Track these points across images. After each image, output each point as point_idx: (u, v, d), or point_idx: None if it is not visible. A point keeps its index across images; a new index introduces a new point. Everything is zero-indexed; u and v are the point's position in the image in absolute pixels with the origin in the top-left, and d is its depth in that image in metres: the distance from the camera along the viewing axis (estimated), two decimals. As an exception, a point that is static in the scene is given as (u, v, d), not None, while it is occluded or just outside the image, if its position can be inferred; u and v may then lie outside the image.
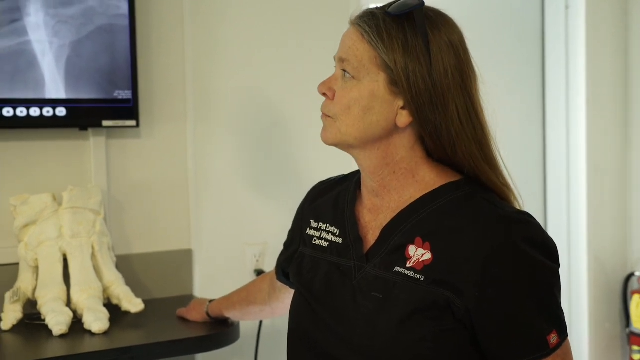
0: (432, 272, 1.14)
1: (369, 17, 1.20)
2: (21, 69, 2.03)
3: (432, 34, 1.17)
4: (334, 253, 1.30)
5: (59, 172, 2.17)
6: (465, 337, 1.14)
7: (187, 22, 2.29)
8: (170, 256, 2.31)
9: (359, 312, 1.20)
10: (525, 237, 1.13)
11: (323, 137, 1.26)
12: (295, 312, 1.35)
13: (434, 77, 1.16)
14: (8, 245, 2.08)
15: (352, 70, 1.19)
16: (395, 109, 1.18)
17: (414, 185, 1.23)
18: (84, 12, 2.07)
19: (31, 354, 1.81)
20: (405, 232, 1.20)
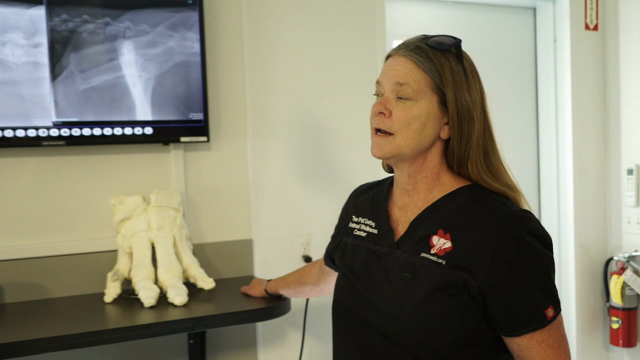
0: (452, 257, 1.14)
1: (418, 50, 1.19)
2: (117, 97, 2.04)
3: (466, 63, 1.19)
4: (370, 241, 1.30)
5: (147, 178, 2.18)
6: (478, 311, 1.14)
7: (246, 57, 2.29)
8: (234, 244, 2.30)
9: (391, 289, 1.20)
10: (527, 230, 1.12)
11: (378, 152, 1.21)
12: (340, 287, 1.34)
13: (472, 98, 1.18)
14: (109, 236, 2.10)
15: (411, 93, 1.18)
16: (442, 124, 1.19)
17: (437, 188, 1.23)
18: (166, 52, 2.08)
19: (128, 321, 1.81)
20: (430, 225, 1.20)
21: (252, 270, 2.32)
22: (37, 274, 2.02)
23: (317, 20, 2.40)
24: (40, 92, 1.94)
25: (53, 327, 1.73)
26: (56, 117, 1.97)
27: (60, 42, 1.95)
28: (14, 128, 1.92)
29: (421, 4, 2.81)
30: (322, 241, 2.36)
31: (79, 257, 2.08)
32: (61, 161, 2.07)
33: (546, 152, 3.04)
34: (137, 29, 2.04)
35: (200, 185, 2.25)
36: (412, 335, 1.16)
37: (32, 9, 1.92)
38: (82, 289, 2.07)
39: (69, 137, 1.99)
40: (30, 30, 1.92)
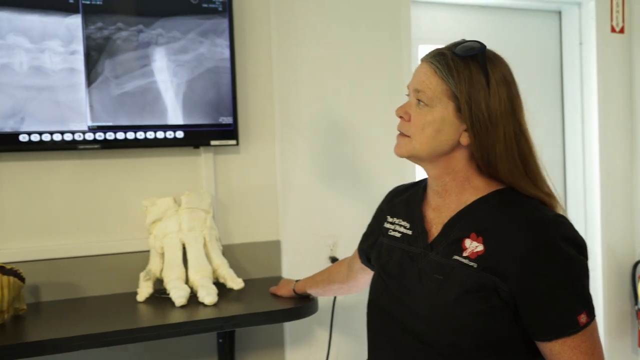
0: (484, 261, 1.14)
1: (440, 57, 1.20)
2: (150, 102, 2.07)
3: (491, 71, 1.17)
4: (404, 242, 1.30)
5: (178, 180, 2.20)
6: (508, 314, 1.13)
7: (274, 62, 2.32)
8: (262, 246, 2.32)
9: (423, 290, 1.21)
10: (561, 235, 1.12)
11: (397, 151, 1.26)
12: (374, 288, 1.35)
13: (490, 106, 1.16)
14: (141, 237, 2.13)
15: (426, 99, 1.20)
16: (460, 130, 1.19)
17: (469, 190, 1.23)
18: (196, 58, 2.12)
19: (159, 319, 1.84)
20: (463, 227, 1.19)
21: (279, 271, 2.34)
22: (72, 273, 2.07)
23: (343, 25, 2.43)
24: (77, 97, 1.99)
25: (87, 325, 1.76)
26: (91, 122, 2.01)
27: (95, 49, 2.00)
28: (51, 132, 1.97)
29: (447, 9, 2.82)
30: (349, 242, 2.39)
31: (112, 257, 2.12)
32: (96, 164, 2.12)
33: (572, 154, 3.02)
34: (169, 35, 2.08)
35: (229, 187, 2.28)
36: (443, 337, 1.16)
37: (69, 17, 1.97)
38: (115, 288, 2.11)
39: (104, 140, 2.03)
40: (67, 38, 1.97)
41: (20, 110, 1.93)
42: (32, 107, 1.94)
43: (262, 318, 1.90)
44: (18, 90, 1.93)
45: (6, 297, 1.72)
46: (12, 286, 1.76)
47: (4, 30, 1.90)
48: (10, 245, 2.02)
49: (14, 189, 2.03)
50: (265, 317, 1.90)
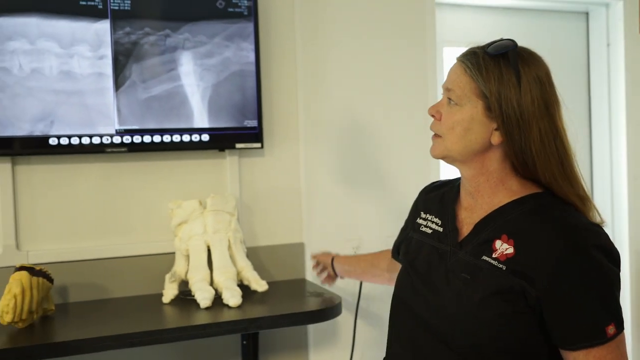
0: (513, 264, 1.13)
1: (471, 55, 1.20)
2: (176, 105, 2.09)
3: (523, 69, 1.16)
4: (435, 239, 1.30)
5: (203, 183, 2.22)
6: (533, 319, 1.12)
7: (299, 66, 2.33)
8: (287, 248, 2.32)
9: (450, 288, 1.20)
10: (594, 244, 1.10)
11: (432, 152, 1.26)
12: (400, 282, 1.35)
13: (522, 105, 1.14)
14: (167, 239, 2.15)
15: (456, 98, 1.19)
16: (491, 129, 1.18)
17: (502, 192, 1.22)
18: (222, 62, 2.13)
19: (185, 321, 1.86)
20: (494, 229, 1.18)
21: (303, 274, 2.35)
22: (99, 274, 2.10)
23: (368, 28, 2.43)
24: (104, 101, 2.02)
25: (114, 326, 1.79)
26: (119, 125, 2.04)
27: (123, 54, 2.03)
28: (80, 136, 2.00)
29: (472, 11, 2.80)
30: (372, 245, 2.39)
31: (138, 259, 2.14)
32: (123, 167, 2.15)
33: (599, 157, 2.98)
34: (195, 40, 2.10)
35: (254, 190, 2.29)
36: (464, 337, 1.16)
37: (98, 23, 2.00)
38: (141, 289, 2.13)
39: (131, 144, 2.06)
40: (95, 43, 2.00)
41: (50, 114, 1.96)
42: (61, 111, 1.97)
43: (286, 320, 1.90)
44: (48, 94, 1.96)
45: (35, 298, 1.75)
46: (41, 287, 1.79)
47: (34, 36, 1.94)
48: (40, 247, 2.06)
49: (43, 192, 2.07)
50: (289, 319, 1.91)
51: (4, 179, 2.00)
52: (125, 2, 2.02)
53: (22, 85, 1.93)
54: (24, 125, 1.94)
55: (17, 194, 2.03)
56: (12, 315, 1.70)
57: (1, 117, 1.92)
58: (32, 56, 1.94)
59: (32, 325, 1.79)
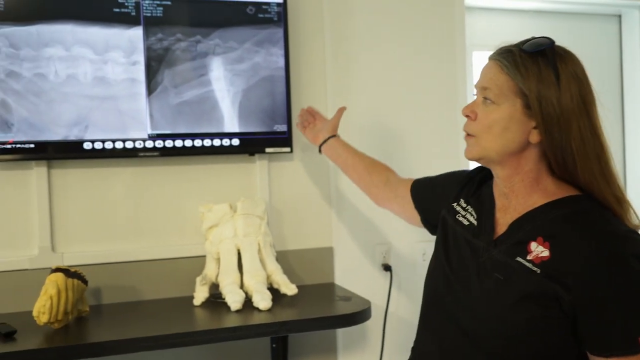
0: (548, 268, 1.11)
1: (507, 54, 1.18)
2: (207, 110, 2.12)
3: (561, 66, 1.15)
4: (469, 232, 1.28)
5: (234, 187, 2.24)
6: (566, 326, 1.10)
7: (329, 72, 2.34)
8: (316, 252, 2.33)
9: (482, 287, 1.19)
10: (633, 252, 1.08)
11: (467, 154, 1.25)
12: (434, 271, 1.34)
13: (562, 102, 1.13)
14: (198, 242, 2.17)
15: (493, 97, 1.18)
16: (529, 128, 1.16)
17: (538, 193, 1.20)
18: (252, 67, 2.16)
19: (215, 323, 1.88)
20: (530, 230, 1.17)
21: (332, 278, 2.35)
22: (131, 277, 2.13)
23: (397, 32, 2.43)
24: (137, 106, 2.06)
25: (147, 328, 1.82)
26: (151, 130, 2.07)
27: (155, 60, 2.06)
28: (113, 140, 2.04)
29: (502, 14, 2.79)
30: (402, 250, 2.39)
31: (170, 262, 2.17)
32: (155, 171, 2.18)
33: (633, 160, 2.94)
34: (226, 45, 2.13)
35: (283, 194, 2.31)
36: (493, 338, 1.15)
37: (131, 29, 2.04)
38: (172, 292, 2.16)
39: (163, 148, 2.09)
40: (129, 49, 2.04)
41: (84, 119, 2.01)
42: (95, 116, 2.01)
43: (315, 324, 1.92)
44: (82, 99, 2.00)
45: (70, 299, 1.79)
46: (76, 289, 1.82)
47: (69, 43, 1.99)
48: (74, 249, 2.10)
49: (78, 195, 2.11)
50: (318, 323, 1.92)
51: (40, 183, 2.04)
52: (158, 9, 2.06)
53: (57, 91, 1.98)
54: (60, 130, 1.98)
55: (53, 197, 2.08)
56: (49, 315, 1.73)
57: (38, 122, 1.96)
58: (67, 62, 1.98)
59: (67, 326, 1.82)
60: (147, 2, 2.05)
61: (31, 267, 2.03)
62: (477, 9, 2.71)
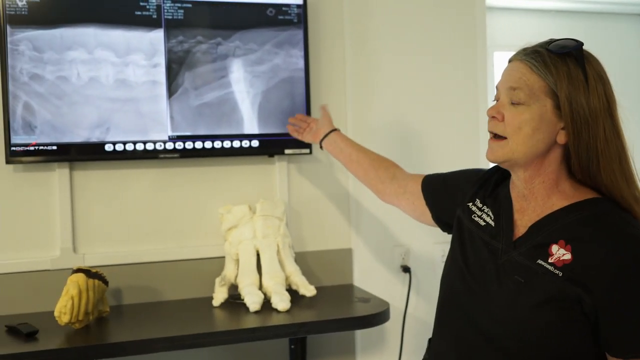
0: (569, 271, 1.11)
1: (535, 54, 1.18)
2: (227, 112, 2.13)
3: (588, 68, 1.15)
4: (487, 233, 1.27)
5: (253, 188, 2.25)
6: (587, 328, 1.11)
7: (348, 73, 2.34)
8: (335, 253, 2.33)
9: (501, 289, 1.18)
10: None
11: (491, 156, 1.22)
12: (451, 272, 1.33)
13: (590, 103, 1.13)
14: (217, 243, 2.18)
15: (523, 97, 1.17)
16: (557, 129, 1.16)
17: (556, 195, 1.20)
18: (272, 68, 2.17)
19: (234, 324, 1.89)
20: (551, 232, 1.16)
21: (351, 279, 2.35)
22: (151, 277, 2.15)
23: (417, 33, 2.42)
24: (158, 108, 2.07)
25: (167, 328, 1.84)
26: (171, 132, 2.09)
27: (176, 62, 2.08)
28: (134, 142, 2.06)
29: (523, 15, 2.77)
30: (421, 252, 2.39)
31: (189, 263, 2.18)
32: (175, 172, 2.19)
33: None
34: (246, 47, 2.14)
35: (302, 195, 2.31)
36: (513, 342, 1.15)
37: (152, 32, 2.06)
38: (191, 292, 2.17)
39: (183, 149, 2.10)
40: (150, 52, 2.06)
41: (106, 121, 2.03)
42: (117, 118, 2.03)
43: (334, 325, 1.92)
44: (104, 102, 2.02)
45: (91, 299, 1.81)
46: (96, 289, 1.84)
47: (91, 46, 2.01)
48: (96, 250, 2.12)
49: (99, 196, 2.13)
50: (337, 325, 1.93)
51: (63, 184, 2.07)
52: (179, 12, 2.08)
53: (80, 93, 2.00)
54: (82, 132, 2.01)
55: (74, 199, 2.10)
56: (70, 316, 1.76)
57: (60, 125, 1.99)
58: (89, 65, 2.01)
59: (87, 326, 1.84)
60: (168, 5, 2.07)
61: (53, 267, 2.06)
62: (498, 9, 2.69)
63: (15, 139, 1.95)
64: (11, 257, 2.05)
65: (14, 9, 1.94)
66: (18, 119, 1.95)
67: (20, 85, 1.95)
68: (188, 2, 2.09)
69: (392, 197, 1.71)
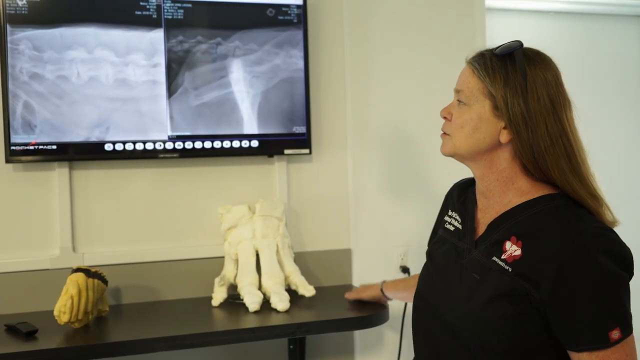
0: (518, 266, 1.13)
1: (479, 57, 1.24)
2: (226, 112, 2.13)
3: (529, 68, 1.18)
4: (455, 236, 1.32)
5: (252, 188, 2.25)
6: (538, 321, 1.12)
7: (347, 73, 2.35)
8: (334, 254, 2.33)
9: (461, 287, 1.22)
10: (601, 248, 1.08)
11: (442, 150, 1.30)
12: (422, 276, 1.38)
13: (528, 103, 1.16)
14: (216, 243, 2.19)
15: (465, 98, 1.24)
16: (499, 128, 1.19)
17: (512, 192, 1.23)
18: (272, 69, 2.17)
19: (234, 324, 1.89)
20: (506, 229, 1.19)
21: (350, 279, 2.36)
22: (151, 277, 2.15)
23: (417, 34, 2.43)
24: (158, 108, 2.08)
25: (166, 328, 1.84)
26: (171, 131, 2.09)
27: (176, 62, 2.08)
28: (134, 142, 2.06)
29: (523, 16, 2.77)
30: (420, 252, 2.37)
31: (188, 263, 2.19)
32: (174, 172, 2.19)
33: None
34: (246, 47, 2.14)
35: (301, 195, 2.32)
36: (473, 337, 1.17)
37: (152, 32, 2.06)
38: (191, 292, 2.18)
39: (182, 149, 2.11)
40: (150, 52, 2.06)
41: (105, 121, 2.03)
42: (116, 118, 2.04)
43: (334, 325, 1.92)
44: (104, 101, 2.03)
45: (91, 299, 1.81)
46: (96, 288, 1.85)
47: (91, 45, 2.01)
48: (95, 249, 2.12)
49: (99, 196, 2.13)
50: (337, 325, 1.93)
51: (62, 184, 2.07)
52: (179, 12, 2.08)
53: (79, 92, 2.00)
54: (82, 132, 2.01)
55: (74, 198, 2.10)
56: (69, 315, 1.76)
57: (60, 124, 1.99)
58: (89, 65, 2.01)
59: (87, 326, 1.84)
60: (168, 5, 2.07)
61: (52, 267, 2.06)
62: (498, 10, 2.70)
63: (15, 138, 1.95)
64: (11, 256, 2.05)
65: (14, 8, 1.94)
66: (18, 118, 1.95)
67: (20, 84, 1.95)
68: (188, 2, 2.09)
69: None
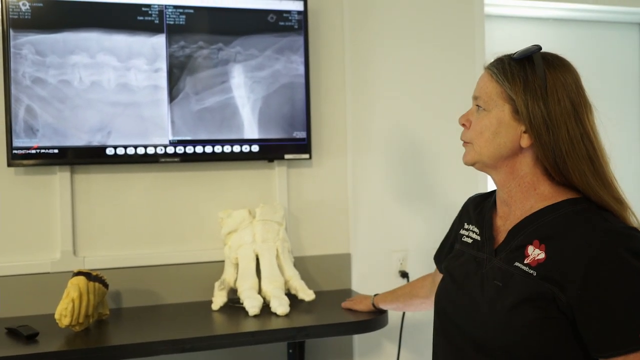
0: (543, 269, 1.11)
1: (497, 62, 1.24)
2: (227, 117, 2.14)
3: (549, 71, 1.17)
4: (474, 248, 1.31)
5: (253, 193, 2.26)
6: (565, 326, 1.10)
7: (347, 78, 2.36)
8: (333, 258, 2.34)
9: (484, 296, 1.20)
10: (628, 247, 1.06)
11: (464, 160, 1.29)
12: (440, 290, 1.36)
13: (549, 106, 1.15)
14: (217, 247, 2.19)
15: (483, 104, 1.23)
16: (519, 132, 1.19)
17: (534, 197, 1.21)
18: (272, 74, 2.18)
19: (233, 327, 1.90)
20: (527, 234, 1.18)
21: (349, 284, 2.36)
22: (151, 281, 2.16)
23: (417, 40, 2.44)
24: (159, 112, 2.09)
25: (166, 332, 1.84)
26: (172, 136, 2.10)
27: (177, 67, 2.09)
28: (135, 146, 2.07)
29: (522, 22, 2.79)
30: (419, 257, 2.40)
31: (189, 267, 2.19)
32: (175, 177, 2.20)
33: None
34: (247, 53, 2.15)
35: (301, 200, 2.32)
36: (498, 344, 1.15)
37: (154, 37, 2.07)
38: (191, 296, 2.18)
39: (183, 154, 2.12)
40: (151, 57, 2.07)
41: (107, 125, 2.04)
42: (118, 122, 2.05)
43: (333, 329, 1.92)
44: (106, 106, 2.04)
45: (92, 302, 1.82)
46: (97, 292, 1.85)
47: (94, 50, 2.02)
48: (96, 253, 2.13)
49: (100, 200, 2.14)
50: (336, 329, 1.93)
51: (64, 187, 2.08)
52: (181, 17, 2.09)
53: (81, 97, 2.02)
54: (83, 136, 2.02)
55: (75, 202, 2.11)
56: (70, 318, 1.76)
57: (62, 128, 2.00)
58: (91, 69, 2.02)
59: (87, 329, 1.85)
60: (170, 10, 2.08)
61: (53, 270, 2.06)
62: (497, 17, 2.71)
63: (17, 142, 1.96)
64: (12, 259, 2.06)
65: (17, 13, 1.95)
66: (20, 122, 1.96)
67: (22, 88, 1.96)
68: (190, 7, 2.10)
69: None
